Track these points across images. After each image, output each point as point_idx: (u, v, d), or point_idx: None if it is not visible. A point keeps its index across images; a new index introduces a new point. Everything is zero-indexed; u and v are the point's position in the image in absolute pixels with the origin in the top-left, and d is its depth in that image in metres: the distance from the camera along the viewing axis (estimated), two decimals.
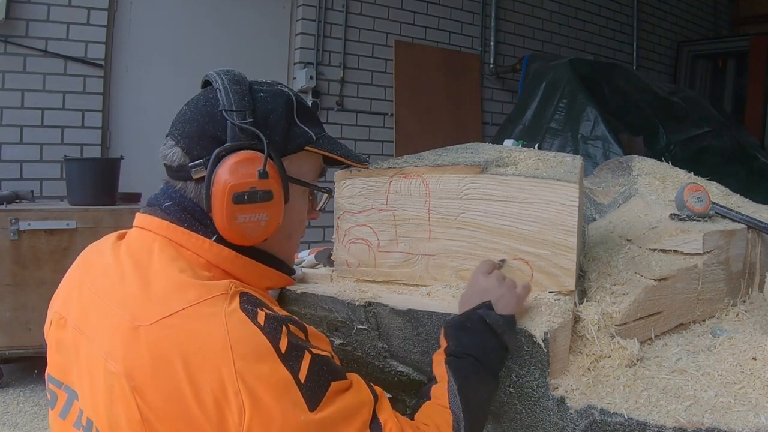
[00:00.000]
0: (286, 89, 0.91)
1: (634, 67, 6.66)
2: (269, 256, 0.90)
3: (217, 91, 0.84)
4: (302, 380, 0.72)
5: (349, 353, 1.24)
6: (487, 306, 0.97)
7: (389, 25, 4.99)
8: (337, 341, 1.23)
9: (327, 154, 0.92)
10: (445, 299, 1.16)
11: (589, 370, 1.05)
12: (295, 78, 4.60)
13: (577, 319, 1.11)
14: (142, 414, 0.71)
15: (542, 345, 0.99)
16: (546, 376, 1.01)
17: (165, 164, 0.87)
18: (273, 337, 0.72)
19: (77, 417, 0.80)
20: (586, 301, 1.16)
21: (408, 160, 1.29)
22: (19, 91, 3.57)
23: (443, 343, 0.95)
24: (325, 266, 1.49)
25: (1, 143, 3.55)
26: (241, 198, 0.80)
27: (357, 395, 0.78)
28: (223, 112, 0.82)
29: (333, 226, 1.31)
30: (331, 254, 1.38)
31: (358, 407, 0.77)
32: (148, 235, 0.84)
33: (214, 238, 0.83)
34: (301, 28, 4.58)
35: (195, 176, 0.83)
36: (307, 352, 0.74)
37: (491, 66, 5.58)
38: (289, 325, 0.76)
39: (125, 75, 3.99)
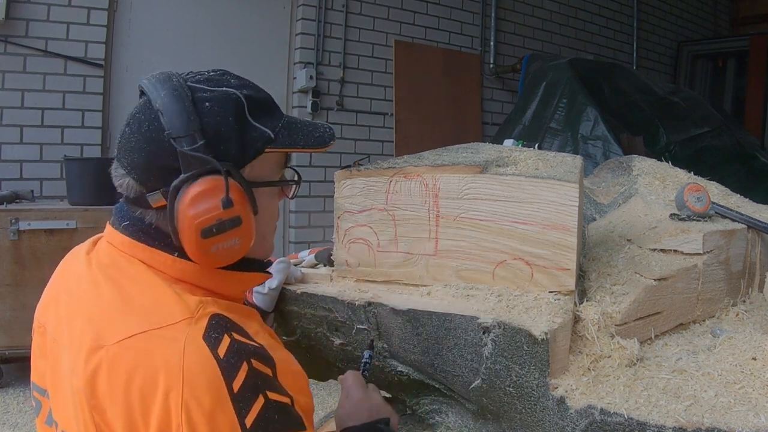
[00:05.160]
0: (232, 90, 0.82)
1: (634, 67, 6.65)
2: (241, 260, 0.84)
3: (159, 113, 0.77)
4: (247, 425, 0.68)
5: (349, 353, 1.24)
6: (386, 422, 1.00)
7: (389, 25, 4.99)
8: (337, 341, 1.23)
9: (288, 150, 0.86)
10: (445, 299, 1.16)
11: (589, 370, 1.05)
12: (295, 78, 4.59)
13: (577, 319, 1.11)
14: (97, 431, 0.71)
15: (542, 345, 0.99)
16: (546, 376, 1.01)
17: (120, 192, 0.83)
18: (228, 373, 0.69)
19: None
20: (586, 301, 1.16)
21: (408, 160, 1.29)
22: (19, 91, 3.57)
23: None
24: (325, 266, 1.49)
25: (1, 143, 3.55)
26: (210, 232, 0.76)
27: None
28: (171, 140, 0.76)
29: (333, 226, 1.31)
30: (331, 254, 1.38)
31: None
32: (116, 251, 0.82)
33: (176, 254, 0.79)
34: (301, 28, 4.58)
35: (155, 205, 0.79)
36: (261, 396, 0.70)
37: (491, 66, 5.58)
38: (252, 360, 0.71)
39: (125, 75, 3.98)
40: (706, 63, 7.57)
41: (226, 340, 0.71)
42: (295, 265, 1.44)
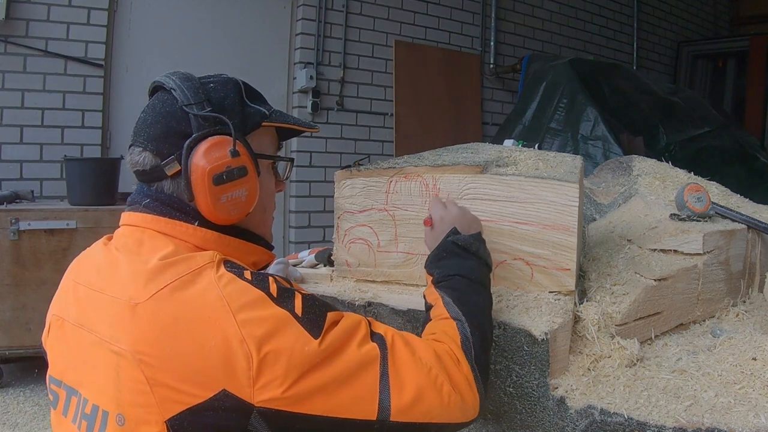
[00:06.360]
0: (231, 76, 0.96)
1: (634, 67, 6.66)
2: (249, 234, 0.95)
3: (172, 90, 0.89)
4: (299, 314, 0.78)
5: None
6: (453, 232, 1.03)
7: (389, 25, 4.99)
8: None
9: (282, 125, 0.98)
10: None
11: (589, 370, 1.05)
12: (295, 78, 4.59)
13: (577, 319, 1.11)
14: (150, 384, 0.74)
15: (542, 345, 0.99)
16: (546, 376, 1.01)
17: (137, 170, 0.91)
18: (263, 286, 0.79)
19: (75, 412, 0.83)
20: (586, 301, 1.16)
21: (408, 160, 1.29)
22: (19, 91, 3.57)
23: (428, 278, 1.02)
24: (325, 266, 1.49)
25: (1, 143, 3.55)
26: (221, 179, 0.86)
27: (350, 318, 0.84)
28: (183, 107, 0.87)
29: (333, 226, 1.31)
30: (331, 254, 1.38)
31: (354, 325, 0.83)
32: (136, 229, 0.89)
33: (196, 223, 0.88)
34: (301, 28, 4.58)
35: (169, 173, 0.87)
36: (296, 292, 0.81)
37: (491, 66, 5.58)
38: (275, 276, 0.82)
39: (125, 75, 3.98)
40: (706, 63, 7.57)
41: (246, 272, 0.81)
42: (294, 265, 1.45)
